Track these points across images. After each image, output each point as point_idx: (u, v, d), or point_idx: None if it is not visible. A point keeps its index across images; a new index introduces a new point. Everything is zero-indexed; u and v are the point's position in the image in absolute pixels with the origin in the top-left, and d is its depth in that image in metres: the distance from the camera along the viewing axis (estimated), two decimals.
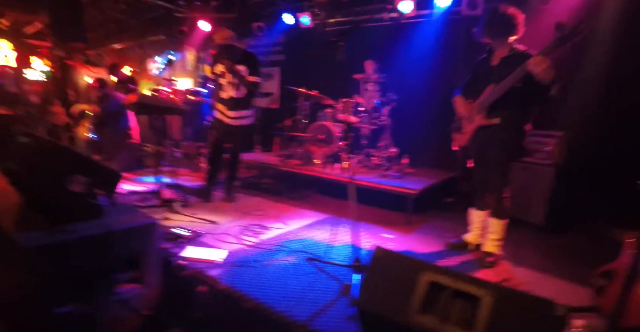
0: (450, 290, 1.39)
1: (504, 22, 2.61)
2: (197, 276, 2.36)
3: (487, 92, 2.69)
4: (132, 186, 4.53)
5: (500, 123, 2.67)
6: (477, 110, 2.78)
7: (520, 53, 2.63)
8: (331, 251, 2.82)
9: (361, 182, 3.99)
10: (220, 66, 3.85)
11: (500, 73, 2.62)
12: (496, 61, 2.73)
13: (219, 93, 4.01)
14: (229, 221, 3.36)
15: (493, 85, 2.64)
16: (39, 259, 1.82)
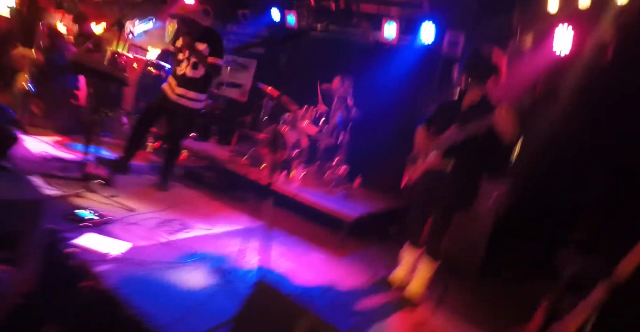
0: None
1: (486, 63, 2.51)
2: (84, 269, 2.08)
3: (448, 133, 2.59)
4: (61, 151, 4.13)
5: (454, 169, 2.58)
6: (434, 151, 2.68)
7: (489, 104, 2.54)
8: (246, 265, 2.60)
9: (302, 198, 3.82)
10: (181, 40, 3.58)
11: (465, 119, 2.54)
12: (466, 105, 2.65)
13: (175, 68, 3.76)
14: (150, 211, 3.06)
15: (456, 127, 2.54)
16: None
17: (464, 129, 2.47)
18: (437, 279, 2.90)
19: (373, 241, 4.06)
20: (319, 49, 6.00)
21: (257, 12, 6.39)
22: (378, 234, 4.23)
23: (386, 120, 5.09)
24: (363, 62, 5.48)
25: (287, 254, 3.04)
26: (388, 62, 5.32)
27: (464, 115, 2.59)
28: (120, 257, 2.22)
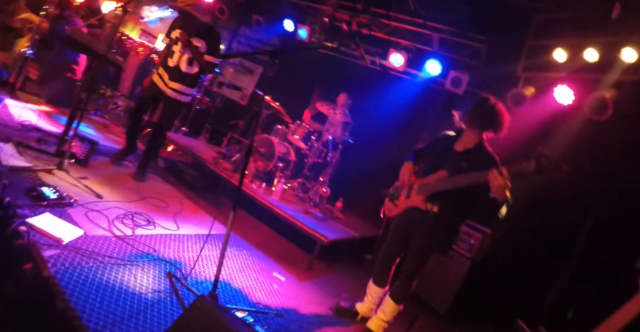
0: None
1: (492, 117, 2.46)
2: (30, 251, 1.96)
3: (437, 175, 2.53)
4: (44, 122, 4.01)
5: (438, 213, 2.50)
6: (418, 190, 2.60)
7: (486, 152, 2.51)
8: (202, 273, 2.49)
9: (280, 211, 3.73)
10: (176, 32, 3.53)
11: (457, 164, 2.47)
12: (460, 148, 2.57)
13: (166, 58, 3.66)
14: (117, 200, 2.94)
15: (446, 174, 2.47)
16: None
17: (455, 179, 2.39)
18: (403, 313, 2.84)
19: (343, 267, 3.97)
20: (324, 66, 6.03)
21: (271, 20, 6.41)
22: (350, 260, 4.15)
23: (377, 148, 5.08)
24: (365, 87, 5.52)
25: (249, 268, 2.93)
26: (389, 91, 5.37)
27: (457, 157, 2.52)
28: (71, 244, 2.10)
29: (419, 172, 2.73)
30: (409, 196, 2.66)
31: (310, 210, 4.09)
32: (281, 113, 4.80)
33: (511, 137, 3.32)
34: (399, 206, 2.72)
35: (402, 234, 2.69)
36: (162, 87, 3.65)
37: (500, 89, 4.21)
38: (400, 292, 2.60)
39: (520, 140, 3.95)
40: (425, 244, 2.56)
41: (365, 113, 5.19)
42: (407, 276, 2.58)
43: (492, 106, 2.46)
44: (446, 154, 2.60)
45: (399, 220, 2.75)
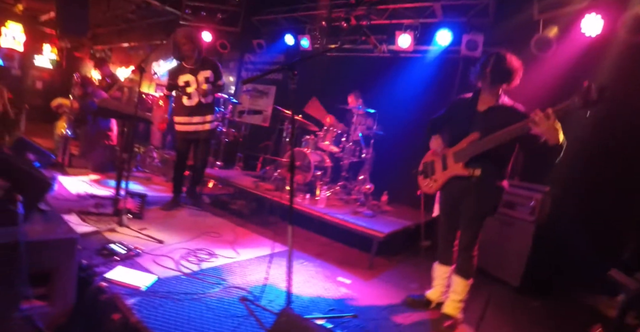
0: None
1: (506, 70, 2.41)
2: (114, 302, 2.14)
3: (469, 139, 2.47)
4: (96, 188, 4.34)
5: (482, 174, 2.45)
6: (455, 158, 2.56)
7: (510, 106, 2.46)
8: (272, 292, 2.59)
9: (329, 217, 3.80)
10: (185, 77, 3.92)
11: (486, 123, 2.42)
12: (482, 107, 2.52)
13: (181, 103, 4.01)
14: (177, 242, 3.14)
15: (478, 135, 2.42)
16: None
17: (493, 138, 2.32)
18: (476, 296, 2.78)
19: (404, 259, 3.96)
20: (335, 68, 6.10)
21: (271, 41, 6.60)
22: (409, 251, 4.14)
23: (409, 133, 5.04)
24: (381, 77, 5.51)
25: (314, 278, 3.01)
26: (406, 74, 5.33)
27: (483, 116, 2.48)
28: (148, 290, 2.27)
29: (445, 142, 2.67)
30: (446, 167, 2.62)
31: (358, 209, 4.13)
32: (306, 124, 4.90)
33: (546, 85, 3.17)
34: (439, 180, 2.68)
35: (452, 207, 2.65)
36: (193, 129, 4.00)
37: (521, 39, 4.14)
38: (464, 265, 2.55)
39: (557, 85, 3.83)
40: (474, 209, 2.51)
41: (388, 102, 5.18)
42: (466, 247, 2.54)
43: (501, 59, 2.41)
44: (470, 116, 2.54)
45: (444, 193, 2.72)
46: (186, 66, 3.95)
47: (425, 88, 5.12)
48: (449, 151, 2.62)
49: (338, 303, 2.65)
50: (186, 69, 3.94)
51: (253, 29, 6.78)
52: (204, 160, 4.29)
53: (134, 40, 9.68)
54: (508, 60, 2.41)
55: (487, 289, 3.38)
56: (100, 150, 5.37)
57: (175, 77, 3.95)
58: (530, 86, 3.05)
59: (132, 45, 9.63)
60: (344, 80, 5.86)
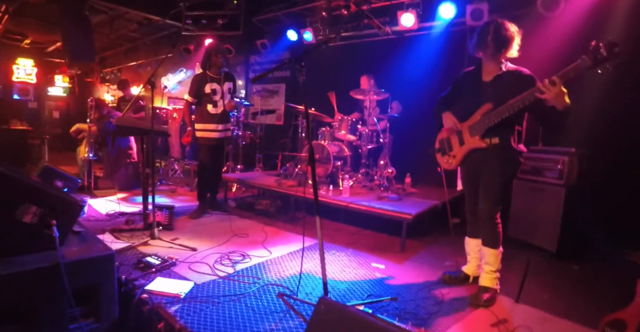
0: None
1: (506, 38, 2.38)
2: (157, 312, 2.20)
3: (481, 111, 2.46)
4: (125, 206, 4.46)
5: (500, 142, 2.45)
6: (470, 132, 2.55)
7: (514, 71, 2.44)
8: (308, 285, 2.61)
9: (355, 205, 3.79)
10: (211, 85, 4.09)
11: (496, 92, 2.42)
12: (488, 77, 2.52)
13: (206, 111, 4.13)
14: (209, 247, 3.20)
15: (490, 106, 2.41)
16: None
17: (506, 107, 2.31)
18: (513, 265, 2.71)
19: (435, 239, 3.93)
20: (342, 57, 6.06)
21: (274, 39, 6.60)
22: (440, 230, 4.10)
23: (424, 112, 4.95)
24: (389, 60, 5.45)
25: (348, 267, 3.02)
26: (414, 53, 5.25)
27: (491, 86, 2.47)
28: (188, 296, 2.32)
29: (458, 117, 2.66)
30: (463, 142, 2.62)
31: (383, 194, 4.10)
32: (320, 116, 4.90)
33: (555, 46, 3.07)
34: (457, 156, 2.68)
35: (473, 179, 2.64)
36: (219, 136, 4.20)
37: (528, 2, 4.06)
38: (490, 235, 2.52)
39: (566, 45, 3.70)
40: (493, 175, 2.48)
41: (400, 84, 5.11)
42: (488, 215, 2.50)
43: (500, 26, 2.38)
44: (478, 88, 2.54)
45: (465, 168, 2.71)
46: (211, 75, 4.14)
47: (435, 65, 5.03)
48: (463, 126, 2.61)
49: (375, 288, 2.64)
50: (212, 78, 4.14)
51: (255, 30, 6.79)
52: (221, 167, 4.51)
53: (140, 58, 9.87)
54: (506, 27, 2.39)
55: (525, 258, 3.32)
56: (123, 169, 5.52)
57: (202, 85, 4.11)
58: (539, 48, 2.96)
59: (140, 63, 9.81)
60: (353, 68, 5.80)
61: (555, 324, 2.28)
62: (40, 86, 11.35)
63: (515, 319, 2.30)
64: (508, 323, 2.25)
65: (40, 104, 11.56)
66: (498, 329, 2.20)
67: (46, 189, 2.16)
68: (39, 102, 11.49)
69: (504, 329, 2.19)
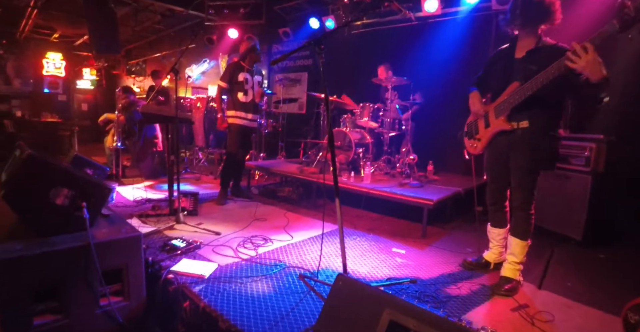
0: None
1: (537, 7, 2.18)
2: (182, 291, 2.28)
3: (509, 90, 2.31)
4: (150, 193, 4.59)
5: (530, 126, 2.29)
6: (495, 113, 2.42)
7: (551, 46, 2.23)
8: (329, 268, 2.64)
9: (376, 191, 3.78)
10: (244, 74, 4.24)
11: (525, 69, 2.23)
12: (521, 54, 2.33)
13: (236, 100, 4.25)
14: (233, 232, 3.27)
15: (518, 84, 2.25)
16: (11, 271, 1.80)
17: (531, 83, 2.13)
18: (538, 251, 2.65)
19: (457, 226, 3.90)
20: (365, 44, 6.00)
21: (297, 27, 6.59)
22: (463, 217, 4.06)
23: (448, 99, 4.89)
24: (412, 46, 5.36)
25: (368, 251, 3.03)
26: (438, 39, 5.15)
27: (522, 63, 2.29)
28: (211, 277, 2.39)
29: (489, 100, 2.54)
30: (488, 124, 2.49)
31: (405, 181, 4.08)
32: (342, 104, 4.90)
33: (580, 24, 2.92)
34: (482, 139, 2.55)
35: (499, 165, 2.52)
36: (246, 124, 4.32)
37: None
38: (521, 226, 2.40)
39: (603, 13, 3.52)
40: (525, 164, 2.33)
41: (423, 71, 5.04)
42: (520, 206, 2.38)
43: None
44: (508, 66, 2.36)
45: (490, 152, 2.58)
46: (245, 66, 4.27)
47: (459, 51, 4.93)
48: (490, 106, 2.48)
49: (395, 272, 2.65)
50: (245, 68, 4.28)
51: (277, 19, 6.80)
52: (246, 155, 4.62)
53: (164, 50, 10.04)
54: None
55: (548, 245, 3.26)
56: (149, 158, 5.66)
57: (236, 73, 4.25)
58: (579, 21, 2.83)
59: (164, 54, 9.98)
60: (375, 55, 5.75)
61: (577, 310, 2.24)
62: (68, 79, 11.71)
63: (536, 304, 2.27)
64: (529, 308, 2.22)
65: (69, 97, 11.94)
66: (519, 313, 2.18)
67: (76, 173, 2.25)
68: (67, 95, 11.86)
69: (524, 314, 2.17)
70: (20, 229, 2.17)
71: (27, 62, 10.79)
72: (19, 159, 2.06)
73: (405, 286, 2.40)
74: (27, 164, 2.04)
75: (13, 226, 2.26)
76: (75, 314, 2.03)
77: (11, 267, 1.81)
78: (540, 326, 2.04)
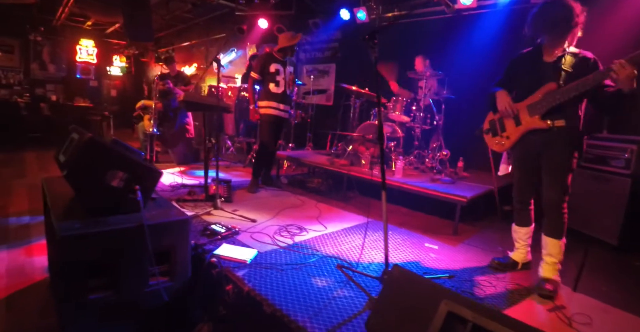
0: (470, 325, 1.23)
1: (565, 18, 2.21)
2: (226, 275, 2.37)
3: (544, 90, 2.34)
4: (184, 178, 4.71)
5: (566, 125, 2.32)
6: (530, 112, 2.43)
7: (580, 55, 2.31)
8: (365, 259, 2.69)
9: (408, 186, 3.81)
10: (275, 65, 4.26)
11: (558, 72, 2.31)
12: (550, 58, 2.38)
13: (269, 90, 4.27)
14: (268, 220, 3.35)
15: (555, 86, 2.30)
16: (71, 247, 1.90)
17: (574, 86, 2.20)
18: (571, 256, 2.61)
19: (487, 224, 3.89)
20: (396, 37, 5.93)
21: (327, 18, 6.57)
22: (492, 216, 4.04)
23: (479, 96, 4.83)
24: (445, 39, 5.29)
25: (401, 245, 3.07)
26: (471, 33, 5.06)
27: (554, 67, 2.34)
28: (253, 262, 2.47)
29: (515, 99, 2.54)
30: (519, 122, 2.49)
31: (436, 177, 4.08)
32: (373, 96, 4.90)
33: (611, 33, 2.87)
34: (511, 137, 2.56)
35: (529, 163, 2.53)
36: (279, 114, 4.37)
37: None
38: (555, 225, 2.41)
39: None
40: (560, 161, 2.36)
41: (455, 65, 4.97)
42: (554, 204, 2.39)
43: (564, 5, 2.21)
44: (538, 68, 2.40)
45: (519, 150, 2.58)
46: (277, 57, 4.33)
47: (494, 45, 4.83)
48: (520, 105, 2.49)
49: (430, 267, 2.68)
50: (277, 59, 4.31)
51: (307, 9, 6.79)
52: (276, 144, 4.66)
53: (192, 38, 10.16)
54: (567, 5, 2.19)
55: (581, 248, 3.21)
56: (182, 145, 5.79)
57: (267, 64, 4.29)
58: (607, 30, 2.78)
59: (194, 43, 10.09)
60: (406, 48, 5.69)
61: (615, 315, 2.23)
62: (99, 66, 11.97)
63: (572, 306, 2.27)
64: (565, 310, 2.22)
65: (100, 83, 12.21)
66: (556, 314, 2.18)
67: (131, 157, 2.35)
68: (98, 81, 12.14)
69: (561, 315, 2.17)
70: (76, 208, 2.28)
71: (61, 49, 11.06)
72: (81, 142, 2.16)
73: (442, 281, 2.43)
74: (89, 147, 2.14)
75: (68, 205, 2.38)
76: (125, 291, 2.13)
77: (73, 244, 1.91)
78: (578, 327, 2.05)
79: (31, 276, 2.85)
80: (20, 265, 3.00)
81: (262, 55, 4.42)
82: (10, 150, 7.80)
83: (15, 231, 3.63)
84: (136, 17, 6.55)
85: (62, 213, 2.20)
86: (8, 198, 4.59)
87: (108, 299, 2.09)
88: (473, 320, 1.24)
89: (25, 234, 3.57)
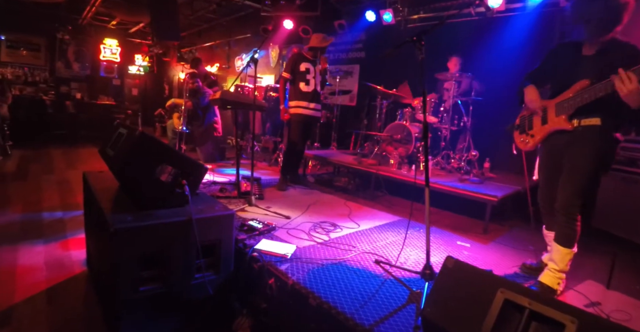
0: (527, 312, 1.27)
1: (612, 11, 2.00)
2: (268, 269, 2.43)
3: (576, 88, 2.16)
4: (214, 176, 4.80)
5: (602, 124, 2.12)
6: (557, 110, 2.28)
7: (626, 46, 2.07)
8: (401, 255, 2.74)
9: (439, 186, 3.84)
10: (305, 64, 4.31)
11: (596, 67, 2.09)
12: (590, 51, 2.19)
13: (299, 89, 4.32)
14: (301, 217, 3.42)
15: (588, 83, 2.11)
16: (125, 240, 1.98)
17: (607, 84, 1.98)
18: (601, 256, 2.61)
19: (516, 224, 3.91)
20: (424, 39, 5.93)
21: (352, 20, 6.62)
22: (521, 217, 4.05)
23: (506, 98, 4.83)
24: (473, 42, 5.30)
25: (434, 242, 3.10)
26: (500, 36, 5.07)
27: (593, 62, 2.14)
28: (293, 257, 2.54)
29: (548, 96, 2.41)
30: (545, 121, 2.36)
31: (464, 177, 4.11)
32: (401, 97, 4.95)
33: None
34: (536, 136, 2.43)
35: (553, 164, 2.37)
36: (310, 113, 4.41)
37: None
38: (564, 230, 2.22)
39: None
40: (579, 164, 2.17)
41: (483, 67, 5.00)
42: (565, 207, 2.21)
43: None
44: (576, 62, 2.21)
45: (545, 151, 2.47)
46: (307, 56, 4.41)
47: (522, 48, 4.84)
48: (550, 103, 2.34)
49: None
50: (307, 58, 4.39)
51: (332, 11, 6.86)
52: (305, 143, 4.69)
53: (213, 39, 10.30)
54: None
55: (611, 248, 3.20)
56: (210, 143, 5.90)
57: (298, 63, 4.36)
58: None
59: (217, 42, 10.22)
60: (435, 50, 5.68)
61: None
62: (122, 65, 12.21)
63: (608, 303, 2.28)
64: (602, 306, 2.24)
65: (122, 82, 12.46)
66: (594, 310, 2.20)
67: (179, 153, 2.43)
68: (121, 79, 12.38)
69: (599, 311, 2.19)
70: (123, 202, 2.37)
71: (86, 48, 11.33)
72: (133, 137, 2.25)
73: None
74: (141, 142, 2.22)
75: (115, 198, 2.47)
76: (173, 283, 2.21)
77: (126, 236, 1.99)
78: None
79: (70, 269, 2.96)
80: (58, 258, 3.11)
81: (292, 55, 4.50)
82: (37, 147, 8.03)
83: (49, 226, 3.76)
84: (163, 17, 6.70)
85: (111, 206, 2.28)
86: (40, 194, 4.74)
87: (157, 291, 2.16)
88: (530, 307, 1.28)
89: (60, 229, 3.69)
